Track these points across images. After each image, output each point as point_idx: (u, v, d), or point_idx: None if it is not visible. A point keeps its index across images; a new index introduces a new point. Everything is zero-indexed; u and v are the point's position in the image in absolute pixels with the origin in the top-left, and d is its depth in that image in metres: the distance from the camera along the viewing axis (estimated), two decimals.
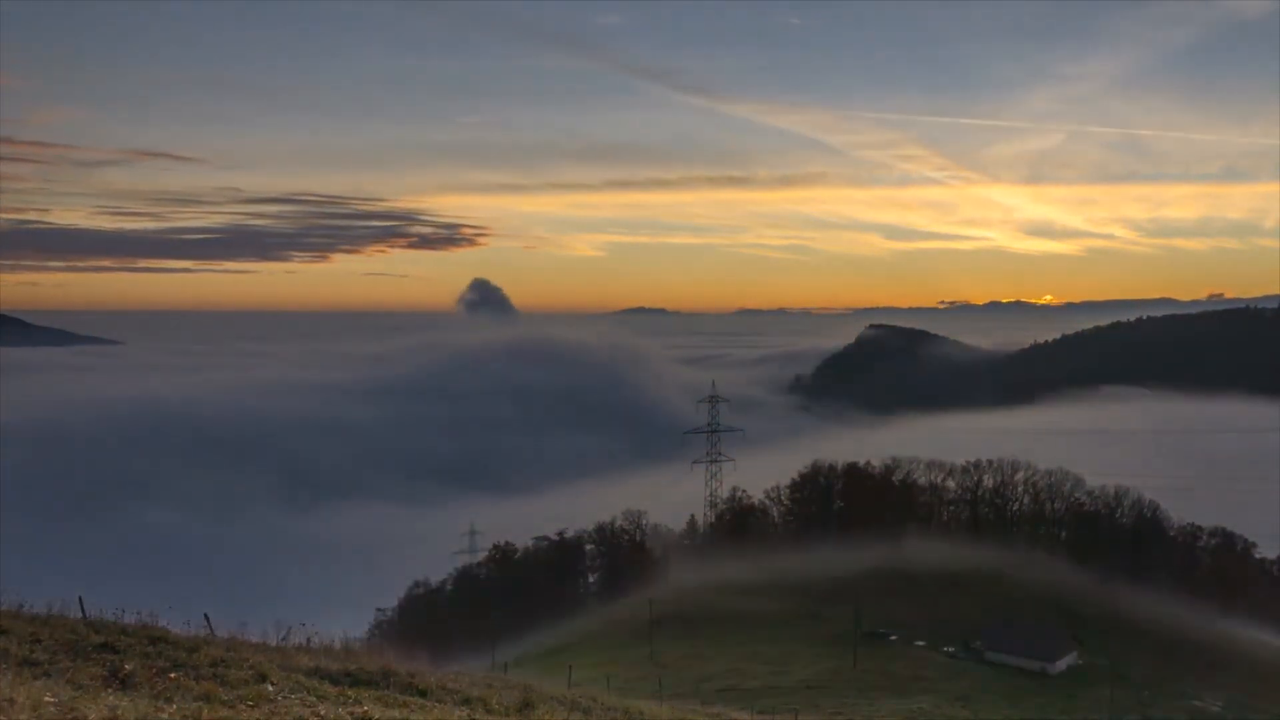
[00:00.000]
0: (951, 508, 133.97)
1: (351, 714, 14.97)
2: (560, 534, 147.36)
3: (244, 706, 14.17)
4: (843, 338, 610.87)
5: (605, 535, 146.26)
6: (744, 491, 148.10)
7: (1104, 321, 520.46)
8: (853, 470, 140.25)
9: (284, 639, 22.96)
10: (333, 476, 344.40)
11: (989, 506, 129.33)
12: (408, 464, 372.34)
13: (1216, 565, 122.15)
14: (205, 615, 22.78)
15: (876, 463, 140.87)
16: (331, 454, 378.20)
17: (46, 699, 12.20)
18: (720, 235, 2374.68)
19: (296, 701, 15.12)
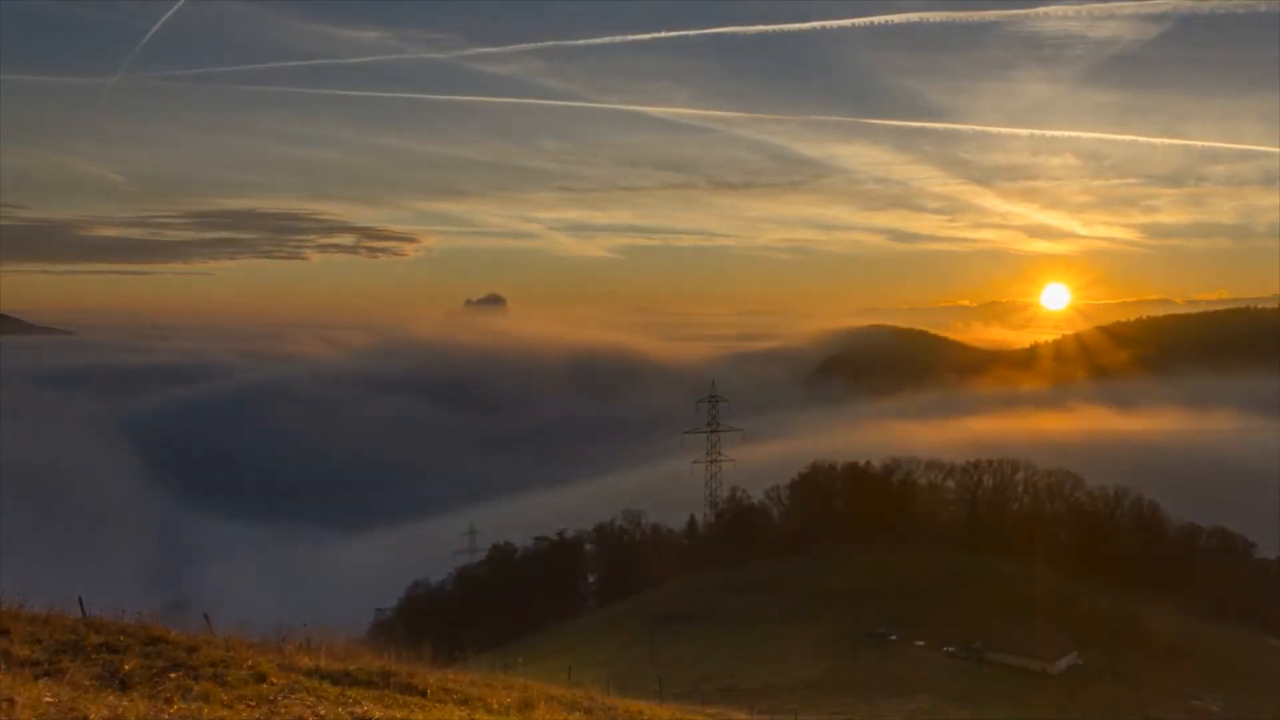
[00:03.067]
0: (951, 508, 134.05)
1: (351, 714, 14.98)
2: (560, 534, 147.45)
3: (243, 706, 14.18)
4: (843, 338, 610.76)
5: (605, 535, 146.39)
6: (744, 491, 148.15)
7: (1105, 321, 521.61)
8: (853, 470, 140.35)
9: (283, 639, 22.94)
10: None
11: (988, 507, 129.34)
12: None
13: (1216, 565, 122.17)
14: (205, 615, 22.79)
15: (876, 463, 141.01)
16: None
17: (46, 699, 12.22)
18: (728, 238, 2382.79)
19: (296, 702, 15.13)
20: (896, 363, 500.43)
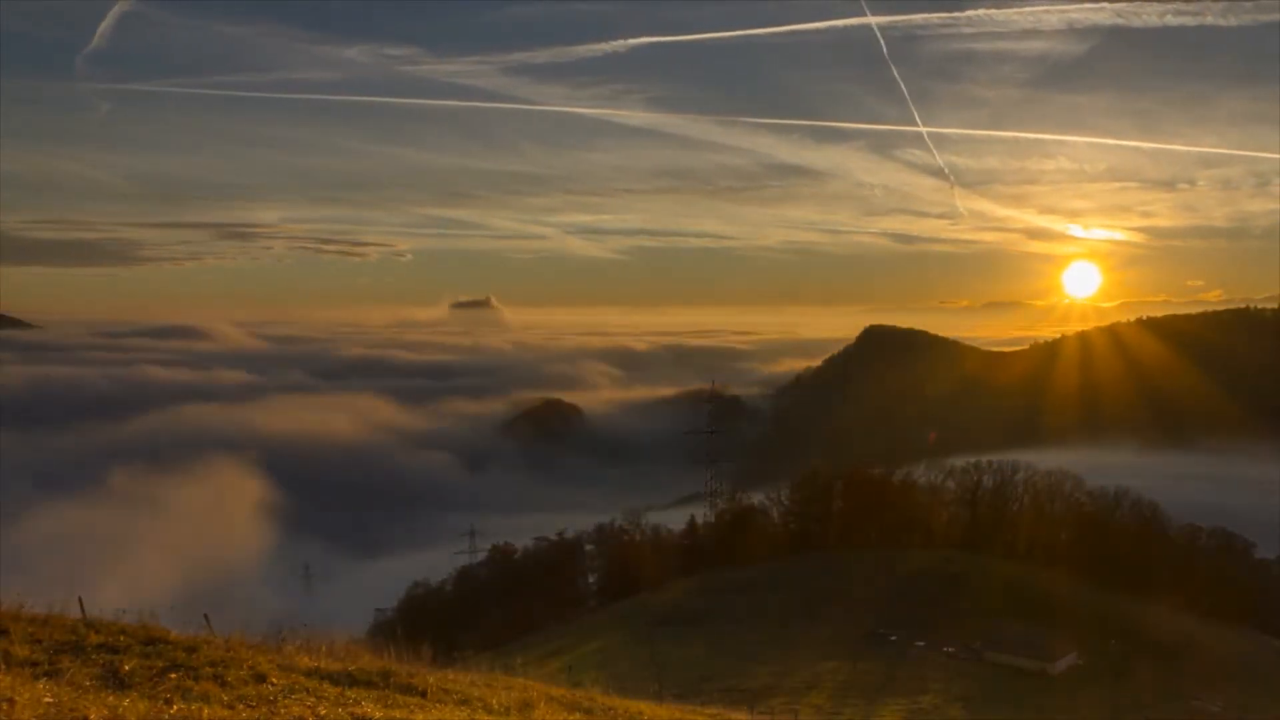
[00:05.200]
0: (951, 508, 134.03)
1: (351, 714, 14.98)
2: (560, 534, 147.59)
3: (243, 707, 14.16)
4: (844, 338, 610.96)
5: (605, 535, 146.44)
6: (744, 491, 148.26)
7: (1105, 322, 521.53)
8: (853, 471, 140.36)
9: (283, 639, 22.95)
10: None
11: (988, 507, 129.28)
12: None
13: (1216, 565, 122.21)
14: (205, 615, 22.78)
15: (876, 463, 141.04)
16: None
17: (46, 699, 12.21)
18: (733, 240, 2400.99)
19: (296, 702, 15.12)
20: (897, 362, 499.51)
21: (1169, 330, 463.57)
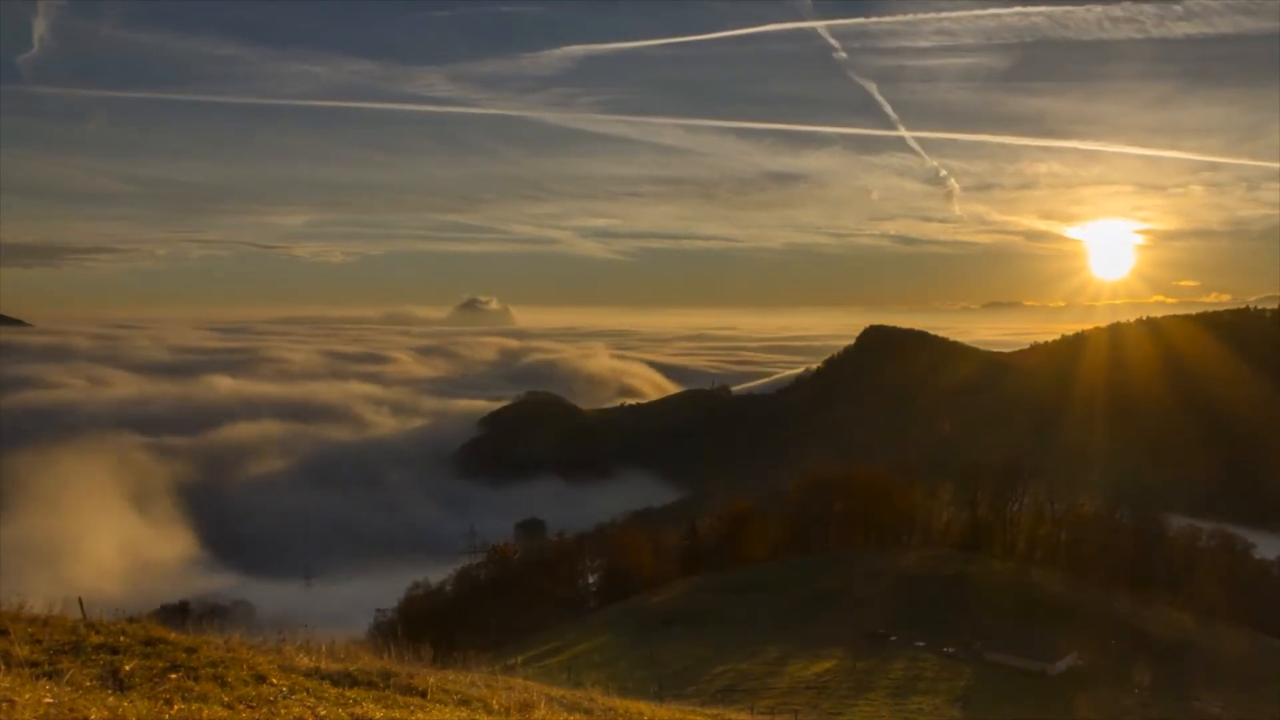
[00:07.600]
0: (951, 508, 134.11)
1: (351, 715, 14.99)
2: (560, 534, 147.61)
3: (243, 707, 14.17)
4: (845, 338, 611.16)
5: (605, 535, 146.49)
6: (744, 491, 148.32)
7: (1104, 323, 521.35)
8: (853, 470, 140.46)
9: (283, 640, 22.97)
10: None
11: (988, 507, 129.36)
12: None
13: (1216, 565, 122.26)
14: (204, 616, 22.81)
15: (877, 463, 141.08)
16: None
17: (46, 700, 12.23)
18: (737, 242, 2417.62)
19: (296, 703, 15.14)
20: (898, 363, 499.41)
21: (1171, 329, 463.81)
